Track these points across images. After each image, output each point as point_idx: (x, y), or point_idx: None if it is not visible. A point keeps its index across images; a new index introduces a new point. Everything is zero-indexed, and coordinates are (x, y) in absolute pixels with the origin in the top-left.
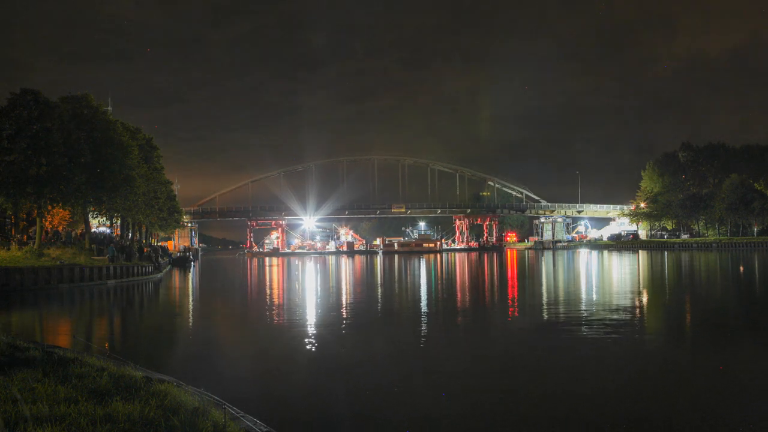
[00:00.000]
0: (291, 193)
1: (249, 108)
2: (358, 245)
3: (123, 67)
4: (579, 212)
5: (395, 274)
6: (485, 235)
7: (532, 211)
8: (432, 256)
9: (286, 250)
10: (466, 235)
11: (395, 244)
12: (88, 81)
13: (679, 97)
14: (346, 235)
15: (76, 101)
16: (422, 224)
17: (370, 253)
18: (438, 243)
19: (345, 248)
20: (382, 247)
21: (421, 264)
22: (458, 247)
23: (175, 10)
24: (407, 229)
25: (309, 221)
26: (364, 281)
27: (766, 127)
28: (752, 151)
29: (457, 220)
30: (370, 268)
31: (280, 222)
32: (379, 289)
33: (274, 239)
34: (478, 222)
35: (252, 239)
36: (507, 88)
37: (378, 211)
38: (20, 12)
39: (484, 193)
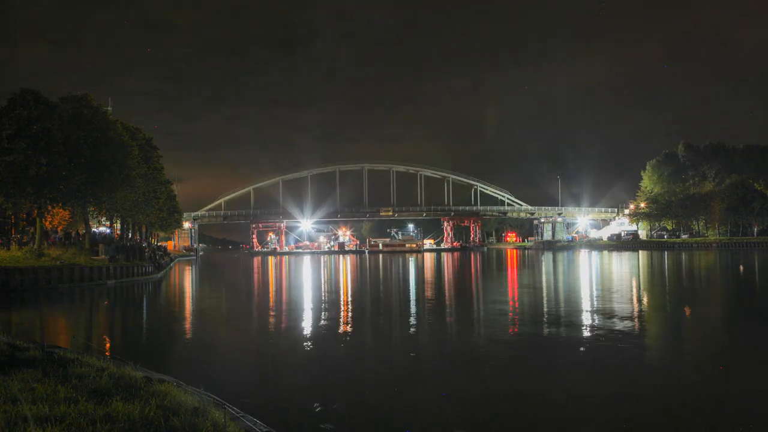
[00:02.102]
0: (290, 199)
1: (250, 113)
2: (352, 245)
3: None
4: (559, 214)
5: (377, 269)
6: (472, 235)
7: (513, 213)
8: (413, 255)
9: (285, 250)
10: (450, 236)
11: (380, 245)
12: (90, 81)
13: (679, 96)
14: (343, 236)
15: (76, 101)
16: (411, 226)
17: (359, 252)
18: (420, 243)
19: (337, 248)
20: (368, 247)
21: (400, 261)
22: (445, 246)
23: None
24: (392, 231)
25: (306, 224)
26: (342, 272)
27: (766, 127)
28: (752, 151)
29: (444, 222)
30: (356, 264)
31: (280, 224)
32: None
33: (274, 239)
34: (465, 224)
35: (256, 240)
36: (503, 90)
37: (368, 215)
38: (19, 12)
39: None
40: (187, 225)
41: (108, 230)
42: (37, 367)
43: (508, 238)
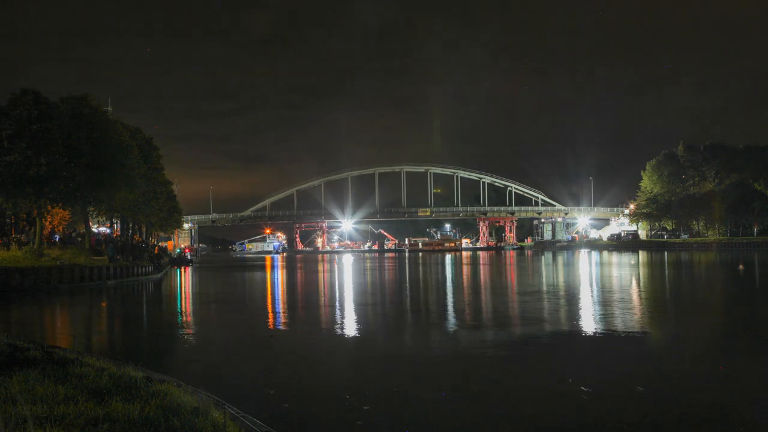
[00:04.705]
0: (331, 199)
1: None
2: (391, 244)
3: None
4: (589, 215)
5: (419, 266)
6: (506, 235)
7: (548, 213)
8: (452, 253)
9: (327, 249)
10: (486, 235)
11: (419, 244)
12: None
13: (679, 95)
14: (387, 238)
15: (76, 101)
16: (447, 226)
17: (398, 251)
18: (458, 242)
19: (377, 247)
20: (408, 246)
21: (445, 259)
22: (480, 246)
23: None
24: (431, 230)
25: (347, 224)
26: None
27: (766, 127)
28: (752, 151)
29: (480, 222)
30: (399, 263)
31: (322, 224)
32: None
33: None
34: (500, 224)
35: (299, 239)
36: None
37: (406, 215)
38: (19, 11)
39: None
40: (187, 225)
41: (108, 230)
42: (37, 367)
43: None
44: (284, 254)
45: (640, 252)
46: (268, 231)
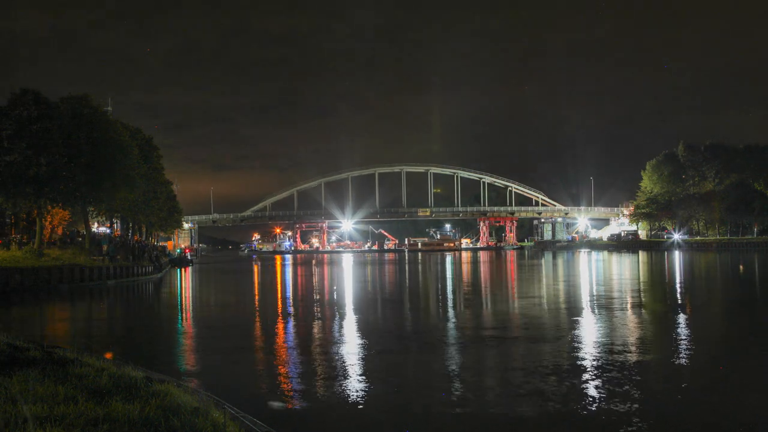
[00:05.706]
0: (331, 200)
1: (290, 118)
2: (391, 245)
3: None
4: (589, 215)
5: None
6: (506, 235)
7: (547, 213)
8: (452, 253)
9: (327, 249)
10: (486, 235)
11: (419, 244)
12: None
13: (679, 95)
14: (388, 237)
15: (76, 101)
16: (447, 226)
17: (398, 251)
18: (458, 242)
19: (377, 247)
20: (408, 246)
21: (445, 258)
22: (480, 246)
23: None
24: (430, 230)
25: (347, 224)
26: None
27: (767, 127)
28: (752, 151)
29: (480, 222)
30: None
31: (322, 224)
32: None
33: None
34: (501, 224)
35: (300, 239)
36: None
37: (406, 215)
38: (19, 12)
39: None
40: (187, 225)
41: (108, 230)
42: (37, 367)
43: (507, 238)
44: (301, 255)
45: (640, 252)
46: (278, 230)
